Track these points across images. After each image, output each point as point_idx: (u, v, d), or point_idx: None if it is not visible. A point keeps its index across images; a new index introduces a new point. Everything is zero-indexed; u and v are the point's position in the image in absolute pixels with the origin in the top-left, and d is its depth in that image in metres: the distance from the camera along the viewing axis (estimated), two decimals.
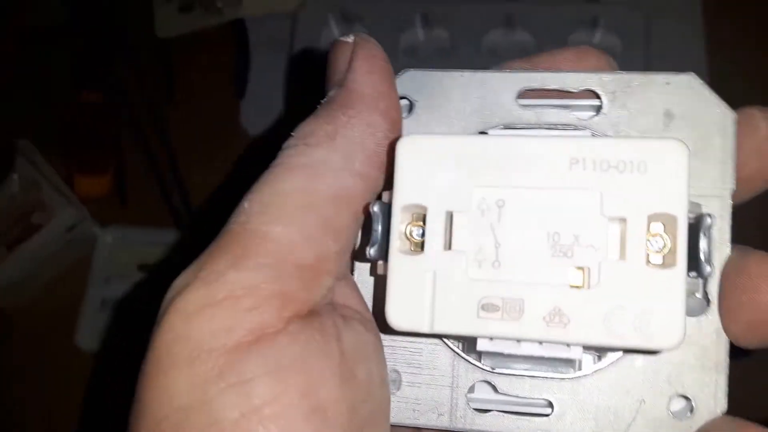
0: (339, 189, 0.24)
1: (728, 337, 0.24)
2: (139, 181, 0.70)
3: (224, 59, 0.73)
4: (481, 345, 0.22)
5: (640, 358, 0.24)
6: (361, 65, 0.25)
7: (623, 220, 0.21)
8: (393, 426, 0.26)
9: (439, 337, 0.25)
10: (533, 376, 0.25)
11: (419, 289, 0.22)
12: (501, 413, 0.25)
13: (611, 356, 0.25)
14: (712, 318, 0.24)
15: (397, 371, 0.26)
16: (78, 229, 0.67)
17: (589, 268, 0.21)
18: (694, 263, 0.21)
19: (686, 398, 0.24)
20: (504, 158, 0.22)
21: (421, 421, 0.26)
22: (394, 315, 0.22)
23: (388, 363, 0.26)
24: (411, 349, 0.26)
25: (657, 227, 0.21)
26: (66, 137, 0.72)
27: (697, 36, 0.64)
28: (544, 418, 0.25)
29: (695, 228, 0.21)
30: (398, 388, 0.26)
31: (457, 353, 0.26)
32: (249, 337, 0.21)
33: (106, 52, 0.74)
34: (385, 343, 0.25)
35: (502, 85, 0.26)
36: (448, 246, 0.22)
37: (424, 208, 0.22)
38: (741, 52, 0.67)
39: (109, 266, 0.68)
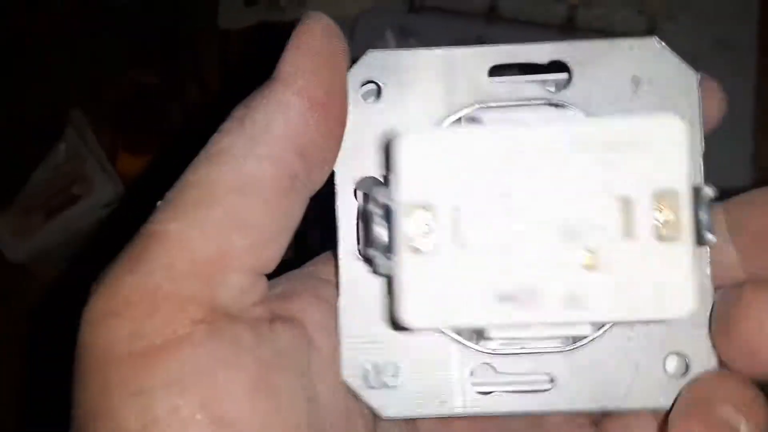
0: (242, 176, 0.22)
1: (718, 364, 0.25)
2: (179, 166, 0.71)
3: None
4: (493, 333, 0.23)
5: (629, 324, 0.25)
6: (292, 42, 0.23)
7: (628, 199, 0.21)
8: (393, 420, 0.25)
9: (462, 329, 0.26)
10: (532, 352, 0.25)
11: (433, 286, 0.21)
12: (503, 393, 0.26)
13: (604, 327, 0.25)
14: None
15: (395, 364, 0.26)
16: (114, 207, 0.69)
17: (599, 249, 0.21)
18: (699, 234, 0.22)
19: (680, 356, 0.25)
20: (506, 149, 0.22)
21: (426, 411, 0.26)
22: (410, 315, 0.21)
23: (385, 356, 0.25)
24: (407, 341, 0.26)
25: (662, 202, 0.21)
26: (117, 113, 0.73)
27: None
28: (546, 393, 0.25)
29: (695, 201, 0.22)
30: (399, 382, 0.25)
31: (455, 339, 0.25)
32: (152, 345, 0.21)
33: (168, 35, 0.75)
34: (379, 337, 0.25)
35: (471, 62, 0.26)
36: (458, 241, 0.22)
37: (430, 205, 0.22)
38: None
39: None
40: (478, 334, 0.25)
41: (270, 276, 0.24)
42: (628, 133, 0.21)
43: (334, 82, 0.24)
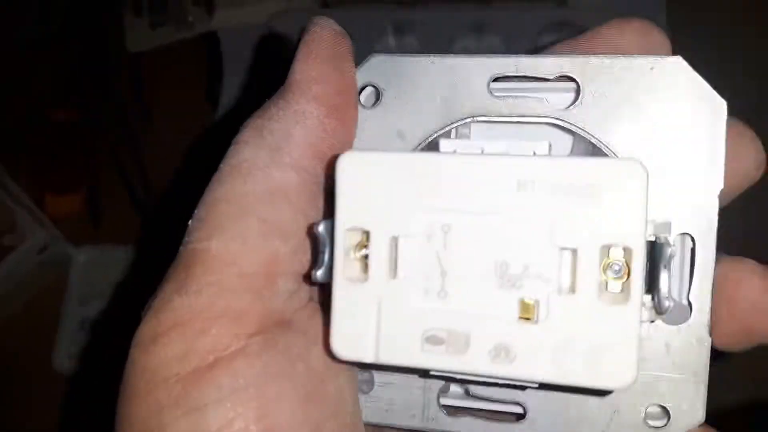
0: (270, 186, 0.22)
1: (718, 345, 0.23)
2: (111, 200, 0.70)
3: (197, 73, 0.73)
4: (434, 372, 0.22)
5: None
6: (302, 50, 0.24)
7: (575, 251, 0.20)
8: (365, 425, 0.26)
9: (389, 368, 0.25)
10: (504, 384, 0.24)
11: (364, 319, 0.21)
12: (473, 417, 0.25)
13: None
14: (693, 326, 0.23)
15: (369, 372, 0.25)
16: (51, 250, 0.67)
17: (538, 301, 0.20)
18: (653, 291, 0.21)
19: (662, 408, 0.23)
20: (451, 180, 0.21)
21: (394, 421, 0.25)
22: (339, 344, 0.21)
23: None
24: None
25: (616, 252, 0.20)
26: (36, 156, 0.71)
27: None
28: (516, 424, 0.25)
29: (657, 254, 0.21)
30: (371, 389, 0.25)
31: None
32: (203, 362, 0.21)
33: (78, 69, 0.73)
34: None
35: (473, 72, 0.25)
36: (394, 273, 0.21)
37: (368, 232, 0.21)
38: (705, 54, 0.68)
39: (85, 286, 0.68)
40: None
41: None
42: (582, 176, 0.20)
43: (345, 84, 0.24)
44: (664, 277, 0.20)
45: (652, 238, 0.21)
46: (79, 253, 0.68)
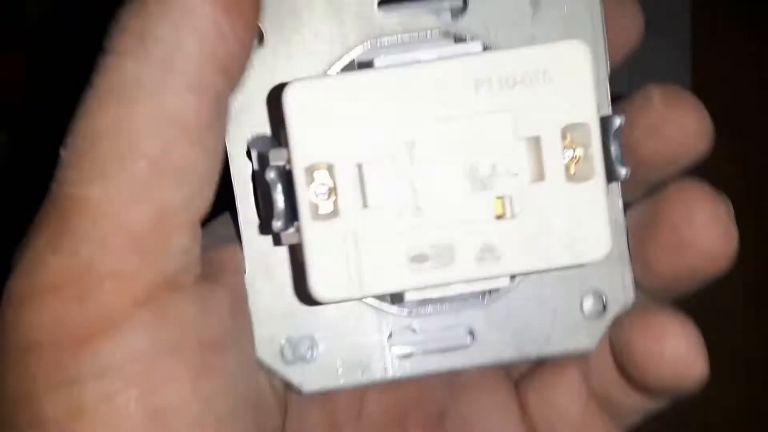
0: (162, 115, 0.18)
1: (642, 273, 0.24)
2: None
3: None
4: (410, 295, 0.22)
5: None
6: None
7: (537, 139, 0.20)
8: (312, 394, 0.24)
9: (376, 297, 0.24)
10: (450, 310, 0.25)
11: (342, 255, 0.20)
12: (424, 354, 0.25)
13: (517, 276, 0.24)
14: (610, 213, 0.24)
15: (311, 337, 0.24)
16: None
17: (511, 196, 0.20)
18: (611, 169, 0.21)
19: (596, 295, 0.24)
20: (406, 92, 0.20)
21: (346, 382, 0.24)
22: (320, 287, 0.20)
23: (300, 330, 0.24)
24: (321, 312, 0.24)
25: (571, 137, 0.21)
26: None
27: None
28: (466, 350, 0.25)
29: (607, 126, 0.21)
30: (316, 354, 0.24)
31: (370, 305, 0.24)
32: (83, 331, 0.18)
33: None
34: (291, 310, 0.24)
35: None
36: (364, 202, 0.20)
37: (330, 165, 0.20)
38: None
39: None
40: (393, 298, 0.24)
41: None
42: (532, 63, 0.20)
43: None
44: (615, 146, 0.21)
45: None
46: None
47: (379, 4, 0.24)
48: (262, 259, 0.24)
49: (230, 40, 0.19)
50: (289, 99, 0.20)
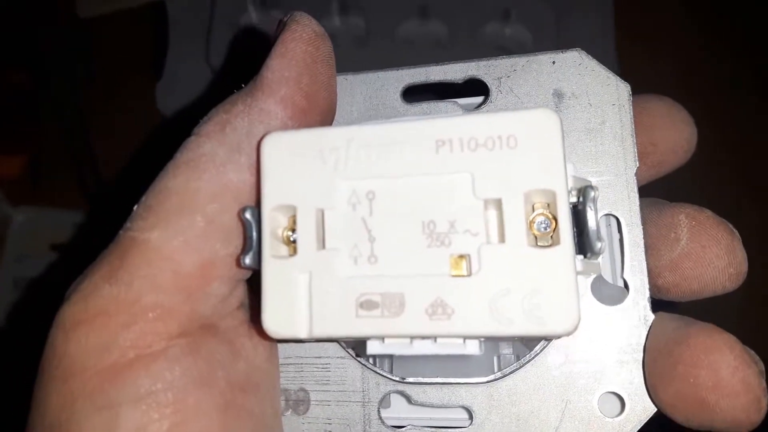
0: (222, 184, 0.21)
1: (654, 406, 0.22)
2: (53, 163, 0.70)
3: (144, 40, 0.73)
4: (372, 348, 0.21)
5: (558, 355, 0.23)
6: (277, 48, 0.23)
7: (499, 202, 0.20)
8: None
9: (326, 341, 0.24)
10: (446, 383, 0.24)
11: (295, 294, 0.21)
12: (417, 428, 0.24)
13: (526, 357, 0.24)
14: (633, 306, 0.23)
15: (305, 390, 0.24)
16: None
17: (469, 255, 0.20)
18: (585, 242, 0.20)
19: (614, 395, 0.23)
20: (369, 148, 0.21)
21: None
22: (271, 322, 0.21)
23: (294, 382, 0.24)
24: (318, 365, 0.25)
25: (540, 206, 0.20)
26: None
27: (608, 29, 0.66)
28: (464, 430, 0.23)
29: (581, 203, 0.21)
30: (307, 408, 0.24)
31: (367, 366, 0.24)
32: (123, 358, 0.20)
33: (31, 31, 0.73)
34: (290, 360, 0.25)
35: (386, 84, 0.25)
36: (322, 244, 0.21)
37: (294, 208, 0.21)
38: (652, 45, 0.69)
39: (22, 245, 0.68)
40: (358, 350, 0.24)
41: None
42: (497, 128, 0.20)
43: (316, 90, 0.23)
44: (591, 216, 0.20)
45: (573, 192, 0.21)
46: (17, 213, 0.69)
47: (404, 93, 0.25)
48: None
49: None
50: (264, 147, 0.21)
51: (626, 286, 0.23)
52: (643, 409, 0.22)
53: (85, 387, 0.20)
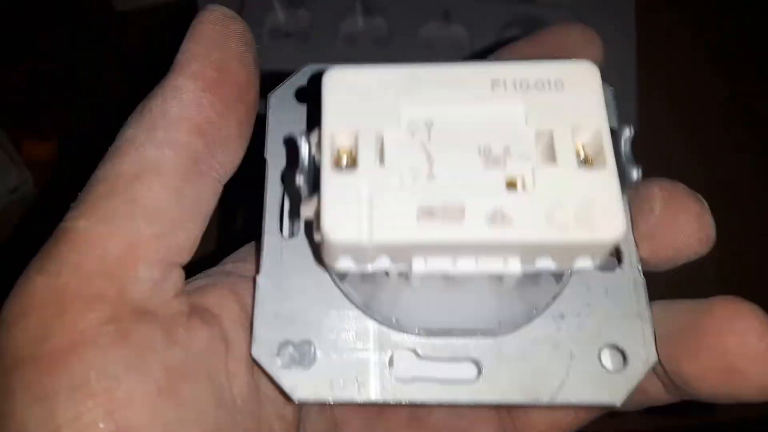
0: (141, 164, 0.22)
1: (679, 382, 0.23)
2: (84, 151, 0.72)
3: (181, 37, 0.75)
4: (417, 266, 0.21)
5: (566, 312, 0.25)
6: (187, 33, 0.24)
7: (549, 131, 0.21)
8: (308, 405, 0.25)
9: (383, 251, 0.23)
10: (457, 337, 0.24)
11: (355, 201, 0.21)
12: (426, 381, 0.24)
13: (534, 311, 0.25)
14: (627, 271, 0.25)
15: (309, 342, 0.24)
16: (20, 192, 0.70)
17: (522, 176, 0.21)
18: (623, 170, 0.21)
19: (616, 348, 0.24)
20: (429, 82, 0.22)
21: (341, 396, 0.24)
22: (331, 228, 0.20)
23: (300, 334, 0.24)
24: (324, 320, 0.25)
25: (585, 138, 0.22)
26: (17, 101, 0.74)
27: (630, 39, 0.66)
28: (472, 384, 0.24)
29: (617, 138, 0.22)
30: (312, 361, 0.24)
31: (376, 320, 0.25)
32: (57, 348, 0.20)
33: (62, 21, 0.76)
34: (295, 314, 0.24)
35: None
36: (382, 161, 0.21)
37: (355, 132, 0.22)
38: (673, 55, 0.69)
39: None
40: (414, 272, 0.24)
41: (192, 272, 0.25)
42: (546, 73, 0.22)
43: (227, 62, 0.24)
44: (626, 151, 0.22)
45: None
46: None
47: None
48: (274, 265, 0.25)
49: (209, 110, 0.23)
50: (326, 79, 0.22)
51: (618, 258, 0.25)
52: (643, 362, 0.23)
53: (23, 379, 0.20)
